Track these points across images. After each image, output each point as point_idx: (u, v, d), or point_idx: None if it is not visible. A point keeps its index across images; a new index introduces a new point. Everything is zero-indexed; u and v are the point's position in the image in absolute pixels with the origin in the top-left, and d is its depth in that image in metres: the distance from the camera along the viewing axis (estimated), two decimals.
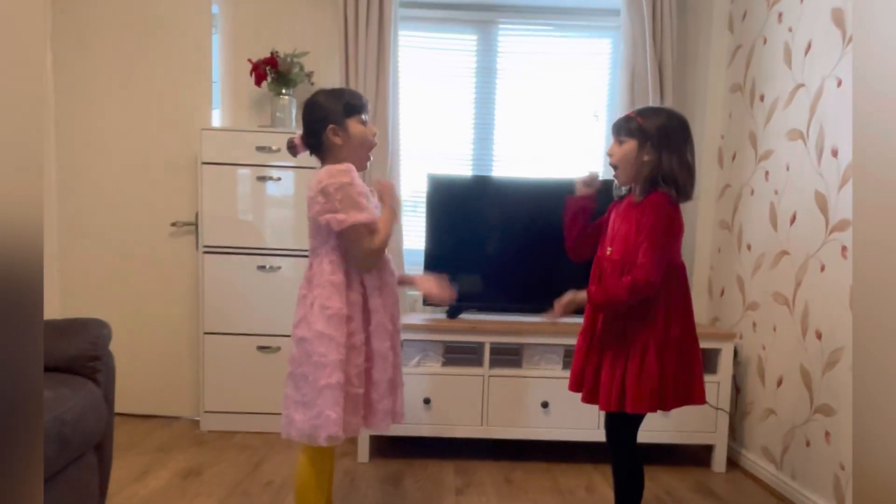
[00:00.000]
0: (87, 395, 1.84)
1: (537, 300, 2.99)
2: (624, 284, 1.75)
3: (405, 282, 2.06)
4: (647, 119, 1.80)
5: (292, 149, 1.91)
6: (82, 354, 1.92)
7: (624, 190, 1.93)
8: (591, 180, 1.97)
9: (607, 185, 2.03)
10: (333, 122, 1.82)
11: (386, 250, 1.85)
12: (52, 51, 3.17)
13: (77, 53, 3.17)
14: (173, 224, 3.17)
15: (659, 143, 1.77)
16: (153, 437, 2.94)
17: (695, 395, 1.84)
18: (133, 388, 3.16)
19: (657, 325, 1.77)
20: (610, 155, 1.88)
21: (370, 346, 1.79)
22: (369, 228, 1.75)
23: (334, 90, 1.89)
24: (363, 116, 1.87)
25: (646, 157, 1.80)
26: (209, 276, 3.02)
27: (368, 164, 1.93)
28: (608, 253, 1.88)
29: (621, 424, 1.89)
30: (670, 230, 1.77)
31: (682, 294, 1.84)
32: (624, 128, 1.83)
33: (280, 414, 1.85)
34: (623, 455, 1.92)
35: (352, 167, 1.79)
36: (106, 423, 1.95)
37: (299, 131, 1.90)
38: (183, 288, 3.18)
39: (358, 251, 1.76)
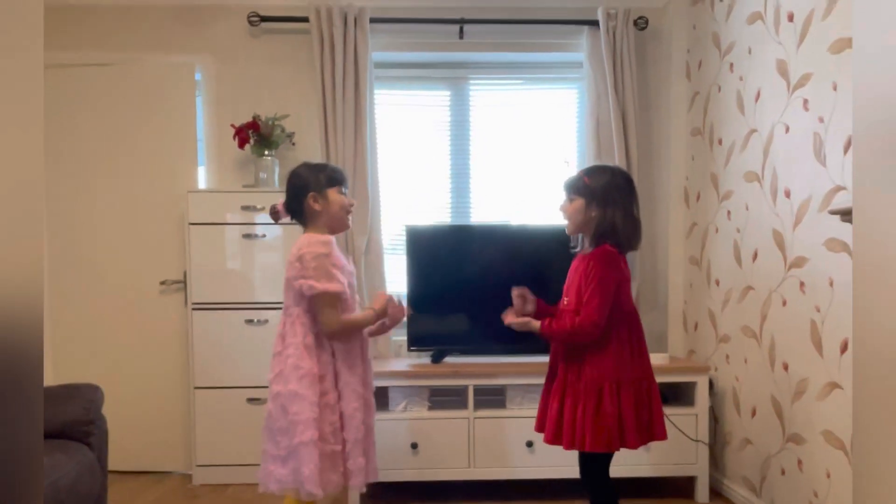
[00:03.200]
0: (81, 459, 1.91)
1: (518, 342, 3.09)
2: (567, 324, 1.92)
3: (376, 332, 2.15)
4: (592, 178, 1.97)
5: (275, 214, 2.04)
6: (76, 420, 1.99)
7: (577, 248, 2.08)
8: (521, 300, 2.11)
9: (564, 241, 2.16)
10: (314, 190, 1.96)
11: (342, 338, 1.96)
12: (42, 122, 3.29)
13: (66, 122, 3.30)
14: (162, 282, 3.26)
15: (604, 200, 1.95)
16: (147, 494, 2.97)
17: (656, 432, 1.95)
18: (126, 446, 3.19)
19: (610, 366, 1.91)
20: (562, 211, 2.05)
21: (341, 404, 1.89)
22: (337, 299, 1.89)
23: (318, 164, 2.07)
24: (343, 189, 2.01)
25: (593, 213, 1.97)
26: (198, 332, 3.10)
27: (350, 220, 2.08)
28: (564, 303, 2.03)
29: (590, 462, 1.98)
30: (613, 278, 1.92)
31: (636, 337, 1.98)
32: (573, 186, 2.01)
33: None
34: (597, 492, 2.01)
35: (331, 240, 1.92)
36: (100, 486, 2.02)
37: (282, 198, 2.03)
38: (173, 344, 3.26)
39: (322, 318, 1.89)
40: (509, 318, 2.06)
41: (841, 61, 2.13)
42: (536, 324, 1.98)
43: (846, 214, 1.79)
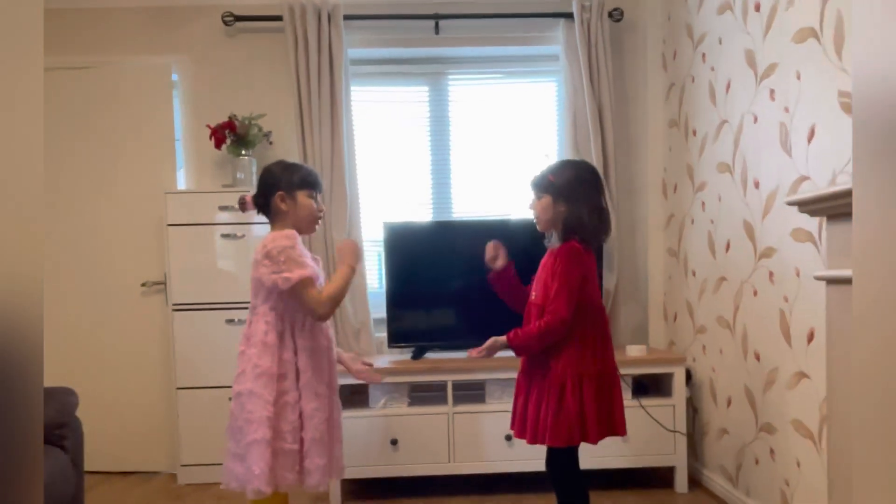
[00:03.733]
0: (54, 462, 1.93)
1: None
2: (534, 328, 1.92)
3: (340, 361, 2.17)
4: (557, 175, 1.98)
5: (242, 205, 2.05)
6: (49, 423, 2.01)
7: (548, 243, 2.08)
8: (495, 251, 2.12)
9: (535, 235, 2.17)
10: (283, 190, 1.97)
11: (334, 311, 1.97)
12: None
13: (45, 127, 3.30)
14: (143, 284, 3.28)
15: (569, 196, 1.96)
16: (132, 495, 3.00)
17: (617, 427, 1.97)
18: (111, 447, 3.24)
19: (572, 361, 1.92)
20: (531, 209, 2.06)
21: (301, 403, 1.90)
22: (313, 282, 1.89)
23: (293, 164, 2.05)
24: (314, 193, 2.01)
25: (560, 210, 1.97)
26: (179, 333, 3.12)
27: (318, 227, 2.08)
28: (532, 298, 2.03)
29: (554, 456, 2.00)
30: (577, 274, 1.92)
31: (600, 333, 1.99)
32: (539, 185, 2.02)
33: None
34: (562, 485, 2.03)
35: (294, 234, 1.93)
36: (75, 487, 2.04)
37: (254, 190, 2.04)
38: (156, 345, 3.28)
39: (309, 304, 1.87)
40: (474, 352, 2.02)
41: (804, 50, 2.14)
42: (502, 338, 1.97)
43: (803, 205, 1.80)
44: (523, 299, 2.12)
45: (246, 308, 3.09)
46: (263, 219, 2.03)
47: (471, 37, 3.47)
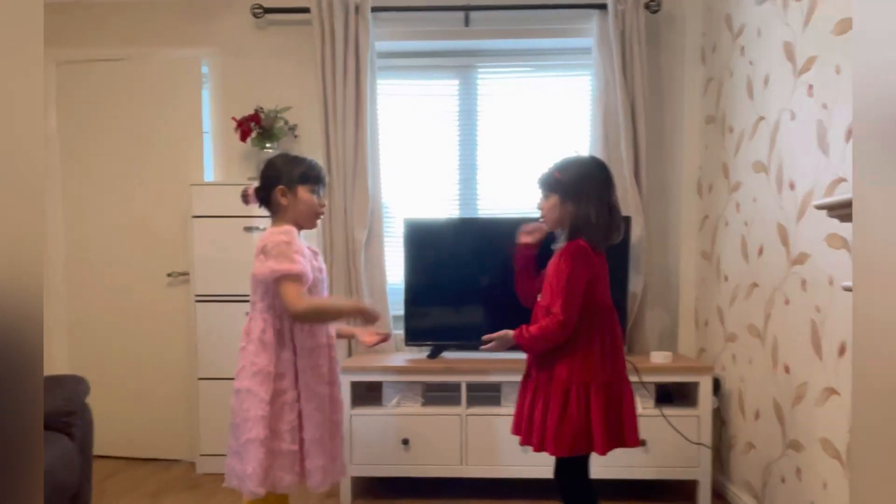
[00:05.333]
0: (58, 449, 1.96)
1: None
2: (536, 328, 1.85)
3: (345, 335, 2.12)
4: (563, 173, 1.89)
5: (245, 198, 2.03)
6: (56, 410, 2.04)
7: (559, 240, 1.99)
8: (534, 229, 2.04)
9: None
10: (284, 185, 1.93)
11: (311, 321, 1.90)
12: (56, 117, 3.40)
13: (77, 117, 3.39)
14: (169, 274, 3.32)
15: (576, 195, 1.86)
16: (150, 482, 3.05)
17: (627, 438, 1.86)
18: (134, 433, 3.31)
19: (578, 367, 1.83)
20: (539, 209, 1.97)
21: (300, 403, 1.87)
22: (300, 280, 1.81)
23: (296, 157, 2.01)
24: (316, 188, 1.96)
25: (568, 209, 1.89)
26: (202, 323, 3.15)
27: (319, 222, 2.04)
28: (539, 299, 1.95)
29: (562, 466, 1.92)
30: (581, 275, 1.83)
31: (610, 336, 1.88)
32: (546, 183, 1.93)
33: None
34: (569, 495, 1.94)
35: (293, 230, 1.89)
36: (80, 474, 2.07)
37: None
38: (179, 335, 3.32)
39: (288, 299, 1.79)
40: (486, 346, 1.98)
41: (844, 43, 1.98)
42: (511, 333, 1.91)
43: (832, 209, 1.66)
44: (530, 290, 2.05)
45: None
46: (255, 205, 1.98)
47: (501, 29, 3.38)
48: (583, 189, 1.87)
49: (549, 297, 1.89)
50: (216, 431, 3.14)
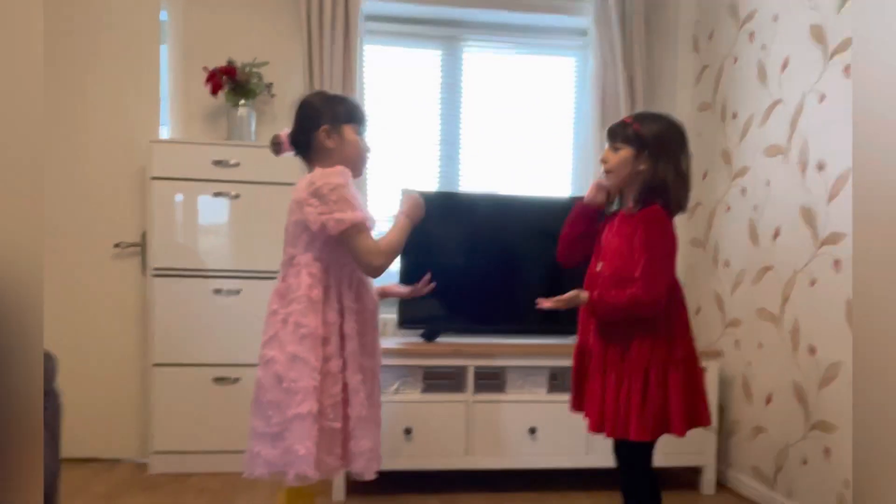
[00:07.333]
0: None
1: (516, 321, 2.88)
2: (623, 297, 1.64)
3: (385, 294, 1.90)
4: (644, 126, 1.72)
5: (277, 146, 1.74)
6: None
7: (615, 206, 1.84)
8: (600, 188, 1.86)
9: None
10: (328, 123, 1.67)
11: (389, 266, 1.68)
12: None
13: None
14: (116, 245, 2.87)
15: (656, 152, 1.69)
16: (96, 483, 2.60)
17: (702, 417, 1.75)
18: (73, 429, 2.79)
19: (660, 346, 1.68)
20: (604, 161, 1.77)
21: (345, 374, 1.60)
22: (368, 228, 1.61)
23: (336, 95, 1.81)
24: (361, 129, 1.73)
25: (641, 167, 1.71)
26: (158, 302, 2.73)
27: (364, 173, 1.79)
28: (598, 269, 1.78)
29: (633, 451, 1.77)
30: (671, 246, 1.69)
31: (682, 313, 1.76)
32: (620, 134, 1.74)
33: (242, 451, 1.65)
34: (640, 483, 1.81)
35: (348, 171, 1.64)
36: (51, 471, 1.67)
37: (287, 129, 1.74)
38: (128, 315, 2.88)
39: (362, 252, 1.59)
40: (547, 303, 1.68)
41: None
42: (585, 295, 1.69)
43: None
44: (576, 244, 1.86)
45: (237, 278, 2.78)
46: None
47: None
48: (663, 147, 1.71)
49: (621, 267, 1.72)
50: (173, 426, 2.74)
